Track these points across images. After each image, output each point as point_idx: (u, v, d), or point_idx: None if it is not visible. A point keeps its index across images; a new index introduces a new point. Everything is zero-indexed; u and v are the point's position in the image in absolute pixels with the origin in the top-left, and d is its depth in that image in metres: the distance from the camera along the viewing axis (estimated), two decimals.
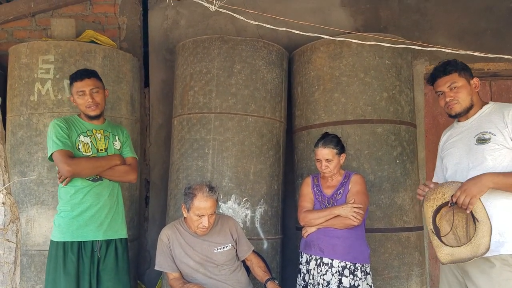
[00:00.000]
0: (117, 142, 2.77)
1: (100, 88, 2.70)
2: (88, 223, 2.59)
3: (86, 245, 2.58)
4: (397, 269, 3.15)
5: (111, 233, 2.67)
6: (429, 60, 4.02)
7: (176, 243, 2.64)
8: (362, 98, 3.29)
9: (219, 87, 3.33)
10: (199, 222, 2.53)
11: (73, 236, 2.57)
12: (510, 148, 2.12)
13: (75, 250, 2.55)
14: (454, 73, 2.30)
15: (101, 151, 2.69)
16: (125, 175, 2.72)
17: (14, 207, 1.52)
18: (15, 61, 3.39)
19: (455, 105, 2.29)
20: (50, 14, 4.18)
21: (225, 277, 2.62)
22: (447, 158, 2.38)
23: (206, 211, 2.50)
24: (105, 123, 2.79)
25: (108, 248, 2.65)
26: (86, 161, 2.58)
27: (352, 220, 2.63)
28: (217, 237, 2.66)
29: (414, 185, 3.35)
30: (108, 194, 2.67)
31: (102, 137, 2.72)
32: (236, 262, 2.71)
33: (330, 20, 4.13)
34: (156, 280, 3.96)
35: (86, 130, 2.68)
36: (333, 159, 2.73)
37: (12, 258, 1.49)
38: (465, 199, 2.05)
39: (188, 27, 4.21)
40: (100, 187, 2.65)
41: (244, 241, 2.76)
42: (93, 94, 2.64)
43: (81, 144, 2.62)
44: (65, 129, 2.58)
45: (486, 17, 4.05)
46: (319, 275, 2.68)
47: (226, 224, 2.72)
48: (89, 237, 2.59)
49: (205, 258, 2.61)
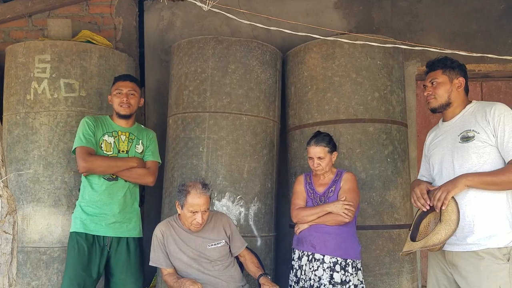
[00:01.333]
0: (139, 145, 2.91)
1: (137, 93, 2.89)
2: (101, 219, 2.74)
3: (98, 239, 2.75)
4: (388, 265, 3.20)
5: (122, 231, 2.81)
6: (421, 61, 4.08)
7: (171, 239, 2.68)
8: (354, 98, 3.34)
9: (214, 87, 3.38)
10: (193, 218, 2.57)
11: (86, 228, 2.74)
12: (494, 145, 2.18)
13: (90, 239, 2.73)
14: (438, 69, 2.40)
15: (122, 152, 2.83)
16: (142, 178, 2.86)
17: (11, 200, 1.56)
18: (12, 60, 3.43)
19: (432, 99, 2.40)
20: (47, 14, 4.21)
21: (218, 272, 2.66)
22: (433, 157, 2.44)
23: (199, 208, 2.55)
24: (134, 127, 2.95)
25: (118, 245, 2.79)
26: (103, 159, 2.73)
27: (343, 217, 2.68)
28: (211, 233, 2.70)
29: (405, 183, 3.40)
30: (122, 194, 2.81)
31: (126, 139, 2.87)
32: (229, 258, 2.75)
33: (323, 22, 4.18)
34: (151, 277, 3.99)
35: (112, 130, 2.84)
36: (325, 157, 2.78)
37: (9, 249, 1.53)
38: (441, 195, 2.16)
39: (183, 28, 4.25)
40: (115, 186, 2.79)
41: (238, 237, 2.80)
42: (129, 95, 2.83)
43: (104, 143, 2.79)
44: (92, 127, 2.76)
45: (477, 19, 4.12)
46: (310, 270, 2.73)
47: (219, 220, 2.77)
48: (100, 232, 2.75)
49: (199, 254, 2.65)
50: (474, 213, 2.17)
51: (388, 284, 3.20)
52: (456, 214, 2.09)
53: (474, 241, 2.15)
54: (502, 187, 2.13)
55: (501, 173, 2.12)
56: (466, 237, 2.16)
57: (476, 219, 2.16)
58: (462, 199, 2.18)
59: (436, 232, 2.10)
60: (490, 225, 2.13)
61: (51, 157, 3.23)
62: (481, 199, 2.17)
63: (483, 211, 2.16)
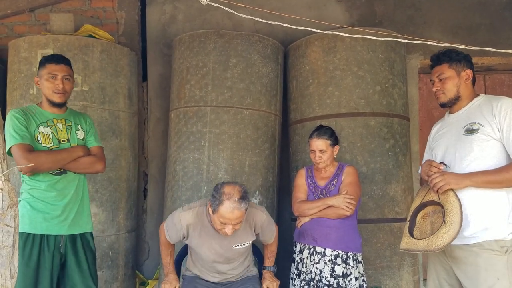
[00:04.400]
0: (80, 131, 2.63)
1: (72, 77, 2.59)
2: (53, 217, 2.46)
3: (49, 239, 2.45)
4: (389, 258, 3.21)
5: (76, 228, 2.55)
6: (424, 54, 4.06)
7: (195, 233, 2.51)
8: (356, 92, 3.34)
9: (215, 81, 3.39)
10: (222, 227, 2.35)
11: (36, 228, 2.43)
12: (498, 139, 2.17)
13: (37, 242, 2.42)
14: (445, 64, 2.35)
15: (63, 141, 2.54)
16: (91, 166, 2.59)
17: (12, 193, 1.57)
18: (15, 55, 3.45)
19: (440, 95, 2.37)
20: (49, 9, 4.23)
21: (232, 267, 2.65)
22: (436, 148, 2.43)
23: (231, 222, 2.31)
24: (67, 112, 2.63)
25: (72, 243, 2.53)
26: (46, 154, 2.41)
27: (344, 210, 2.69)
28: (241, 233, 2.52)
29: (406, 177, 3.40)
30: (74, 188, 2.55)
31: (63, 127, 2.57)
32: (246, 252, 2.68)
33: (325, 15, 4.17)
34: (154, 270, 4.04)
35: (46, 120, 2.52)
36: (327, 150, 2.79)
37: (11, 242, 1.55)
38: (439, 182, 2.18)
39: (185, 21, 4.26)
40: (65, 180, 2.52)
41: (268, 230, 2.66)
42: (65, 81, 2.52)
43: (40, 136, 2.47)
44: (23, 121, 2.42)
45: (480, 12, 4.10)
46: (312, 263, 2.74)
47: (251, 220, 2.55)
48: (52, 231, 2.46)
49: (221, 254, 2.54)
50: (471, 206, 2.17)
51: (389, 277, 3.21)
52: (459, 216, 2.08)
53: (471, 234, 2.15)
54: (505, 185, 2.12)
55: (505, 171, 2.11)
56: (463, 230, 2.16)
57: (472, 212, 2.16)
58: (460, 192, 2.18)
59: (440, 236, 2.09)
60: (486, 218, 2.14)
61: None
62: (478, 192, 2.17)
63: (480, 204, 2.16)
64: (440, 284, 2.34)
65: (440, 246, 2.08)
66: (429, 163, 2.32)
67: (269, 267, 2.74)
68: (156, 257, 4.08)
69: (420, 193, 2.38)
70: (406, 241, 2.27)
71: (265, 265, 2.77)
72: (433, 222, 2.21)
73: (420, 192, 2.38)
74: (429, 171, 2.29)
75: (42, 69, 2.53)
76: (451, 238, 2.07)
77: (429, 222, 2.23)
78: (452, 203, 2.14)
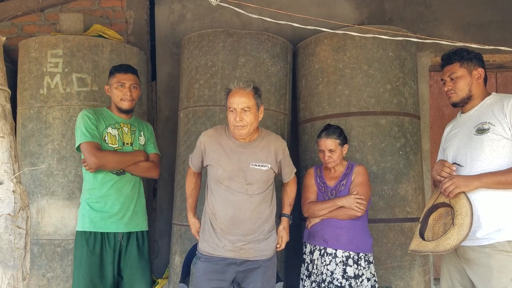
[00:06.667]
0: (142, 137, 2.87)
1: (138, 86, 2.82)
2: (111, 215, 2.68)
3: (109, 236, 2.68)
4: (400, 258, 3.19)
5: (133, 226, 2.77)
6: (434, 52, 4.02)
7: (213, 147, 2.50)
8: (366, 90, 3.31)
9: (224, 80, 3.38)
10: (233, 119, 2.37)
11: (96, 227, 2.66)
12: (509, 138, 2.15)
13: (98, 240, 2.65)
14: (456, 63, 2.34)
15: (127, 144, 2.78)
16: (148, 171, 2.82)
17: (24, 195, 1.58)
18: (25, 55, 3.47)
19: (452, 94, 2.35)
20: (59, 8, 4.25)
21: (248, 200, 2.45)
22: (448, 149, 2.41)
23: (237, 105, 2.36)
24: (132, 118, 2.88)
25: (129, 240, 2.75)
26: (113, 155, 2.66)
27: (355, 211, 2.67)
28: (259, 152, 2.49)
29: (417, 176, 3.38)
30: (130, 188, 2.76)
31: (129, 131, 2.81)
32: (267, 190, 2.52)
33: (335, 13, 4.15)
34: (163, 269, 4.05)
35: (114, 122, 2.76)
36: (336, 150, 2.77)
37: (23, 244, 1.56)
38: (449, 186, 2.17)
39: (194, 20, 4.25)
40: (123, 181, 2.73)
41: (288, 163, 2.65)
42: (132, 89, 2.75)
43: (108, 136, 2.71)
44: (93, 120, 2.66)
45: (491, 9, 4.05)
46: (322, 265, 2.73)
47: (273, 142, 2.54)
48: (111, 229, 2.69)
49: (238, 170, 2.44)
50: (483, 207, 2.15)
51: (399, 277, 3.19)
52: (469, 218, 2.07)
53: (484, 235, 2.13)
54: None
55: None
56: (475, 231, 2.14)
57: (484, 213, 2.15)
58: (472, 194, 2.16)
59: (448, 237, 2.08)
60: (499, 219, 2.12)
61: (64, 150, 3.28)
62: (489, 193, 2.15)
63: (492, 205, 2.14)
64: (453, 285, 2.33)
65: (447, 248, 2.07)
66: (441, 163, 2.30)
67: (288, 215, 2.70)
68: (166, 256, 4.09)
69: (433, 195, 2.37)
70: (415, 243, 2.27)
71: (284, 212, 2.72)
72: (445, 223, 2.19)
73: (433, 194, 2.37)
74: (441, 171, 2.27)
75: (111, 78, 2.77)
76: (459, 241, 2.05)
77: (442, 224, 2.21)
78: (462, 205, 2.12)
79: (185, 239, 3.34)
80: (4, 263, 1.48)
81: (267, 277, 2.52)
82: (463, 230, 2.05)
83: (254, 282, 2.47)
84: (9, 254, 1.49)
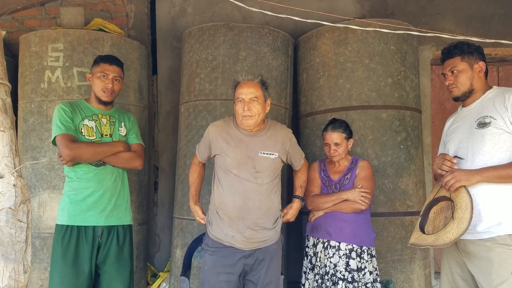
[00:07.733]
0: (122, 128, 2.76)
1: (121, 79, 2.75)
2: (90, 208, 2.57)
3: (87, 230, 2.56)
4: (400, 252, 3.20)
5: (114, 220, 2.65)
6: (436, 45, 4.01)
7: (220, 138, 2.51)
8: (367, 84, 3.30)
9: (225, 74, 3.37)
10: (241, 109, 2.40)
11: (74, 220, 2.56)
12: (510, 132, 2.14)
13: (74, 234, 2.54)
14: (457, 56, 2.32)
15: (105, 136, 2.67)
16: (130, 162, 2.71)
17: (24, 189, 1.59)
18: (26, 49, 3.47)
19: (453, 88, 2.34)
20: (60, 2, 4.24)
21: (257, 188, 2.45)
22: (450, 143, 2.41)
23: (245, 96, 2.40)
24: (113, 109, 2.79)
25: (109, 235, 2.62)
26: (88, 146, 2.56)
27: (360, 204, 2.68)
28: (267, 140, 2.51)
29: (418, 170, 3.37)
30: (112, 180, 2.65)
31: (107, 122, 2.70)
32: (276, 179, 2.55)
33: (336, 6, 4.13)
34: (165, 263, 4.07)
35: (91, 114, 2.67)
36: (342, 144, 2.78)
37: (24, 237, 1.56)
38: (450, 180, 2.16)
39: (195, 14, 4.24)
40: (103, 172, 2.62)
41: (297, 150, 2.68)
42: (114, 81, 2.68)
43: (84, 128, 2.61)
44: (69, 113, 2.58)
45: (493, 3, 4.02)
46: (326, 257, 2.74)
47: (279, 131, 2.58)
48: (90, 222, 2.57)
49: (246, 159, 2.45)
50: (484, 201, 2.15)
51: (400, 270, 3.20)
52: (469, 212, 2.07)
53: (484, 229, 2.14)
54: None
55: None
56: (476, 225, 2.14)
57: (485, 207, 2.15)
58: (473, 188, 2.16)
59: (447, 231, 2.08)
60: (499, 213, 2.12)
61: None
62: (490, 187, 2.15)
63: (493, 199, 2.14)
64: (454, 278, 2.34)
65: (446, 242, 2.07)
66: (442, 157, 2.30)
67: (300, 196, 2.72)
68: (167, 250, 4.10)
69: (434, 189, 2.37)
70: (415, 236, 2.27)
71: (296, 194, 2.73)
72: (446, 217, 2.20)
73: (434, 188, 2.37)
74: (442, 165, 2.27)
75: (95, 67, 2.69)
76: (458, 235, 2.06)
77: (443, 218, 2.22)
78: (462, 199, 2.12)
79: (186, 232, 3.35)
80: (6, 256, 1.49)
81: (272, 269, 2.54)
82: (463, 224, 2.05)
83: (259, 274, 2.49)
84: (10, 248, 1.50)
